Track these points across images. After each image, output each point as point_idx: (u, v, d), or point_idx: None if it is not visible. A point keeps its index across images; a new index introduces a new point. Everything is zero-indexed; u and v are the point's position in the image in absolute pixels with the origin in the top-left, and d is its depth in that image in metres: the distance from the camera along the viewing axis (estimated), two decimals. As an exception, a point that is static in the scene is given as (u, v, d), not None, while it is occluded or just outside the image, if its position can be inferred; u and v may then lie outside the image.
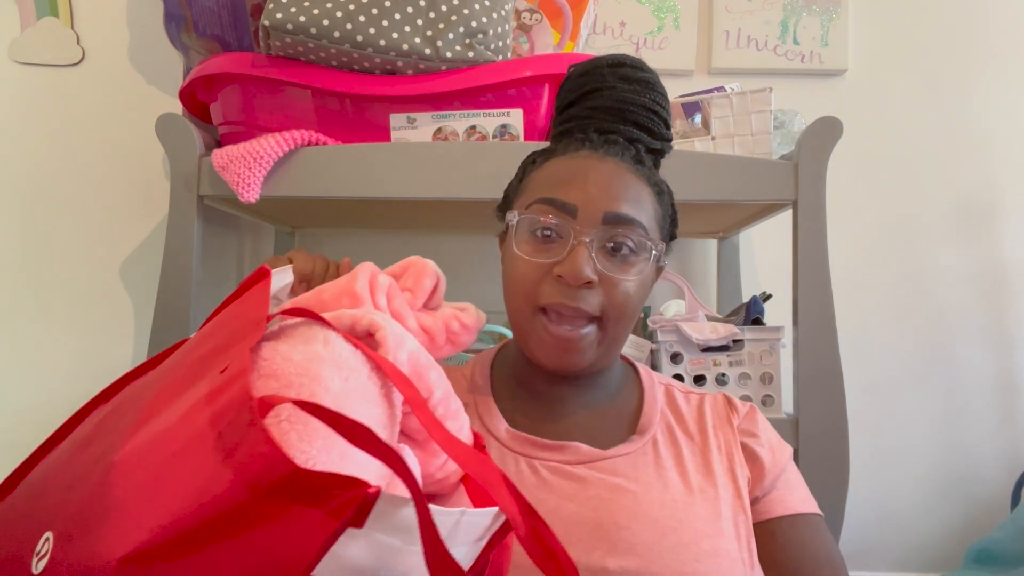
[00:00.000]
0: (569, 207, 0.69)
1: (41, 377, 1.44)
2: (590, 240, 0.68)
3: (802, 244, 1.06)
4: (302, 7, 1.05)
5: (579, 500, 0.66)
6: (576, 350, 0.69)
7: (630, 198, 0.70)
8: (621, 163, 0.72)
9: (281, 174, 1.06)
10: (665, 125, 0.79)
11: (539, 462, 0.70)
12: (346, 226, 1.50)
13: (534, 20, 1.31)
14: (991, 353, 1.48)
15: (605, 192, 0.69)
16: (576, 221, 0.68)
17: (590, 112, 0.77)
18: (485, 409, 0.75)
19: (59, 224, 1.46)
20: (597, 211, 0.68)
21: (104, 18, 1.48)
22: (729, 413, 0.77)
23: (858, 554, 1.44)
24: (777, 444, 0.77)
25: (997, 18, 1.51)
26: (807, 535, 0.71)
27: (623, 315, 0.69)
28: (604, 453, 0.70)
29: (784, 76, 1.49)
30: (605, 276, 0.68)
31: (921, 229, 1.50)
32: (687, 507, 0.67)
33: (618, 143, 0.74)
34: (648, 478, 0.69)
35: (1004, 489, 1.44)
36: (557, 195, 0.70)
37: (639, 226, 0.69)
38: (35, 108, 1.47)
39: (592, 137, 0.75)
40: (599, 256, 0.68)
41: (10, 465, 0.51)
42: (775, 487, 0.73)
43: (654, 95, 0.77)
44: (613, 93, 0.76)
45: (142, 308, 1.46)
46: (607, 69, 0.77)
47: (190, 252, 1.08)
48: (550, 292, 0.68)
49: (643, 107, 0.76)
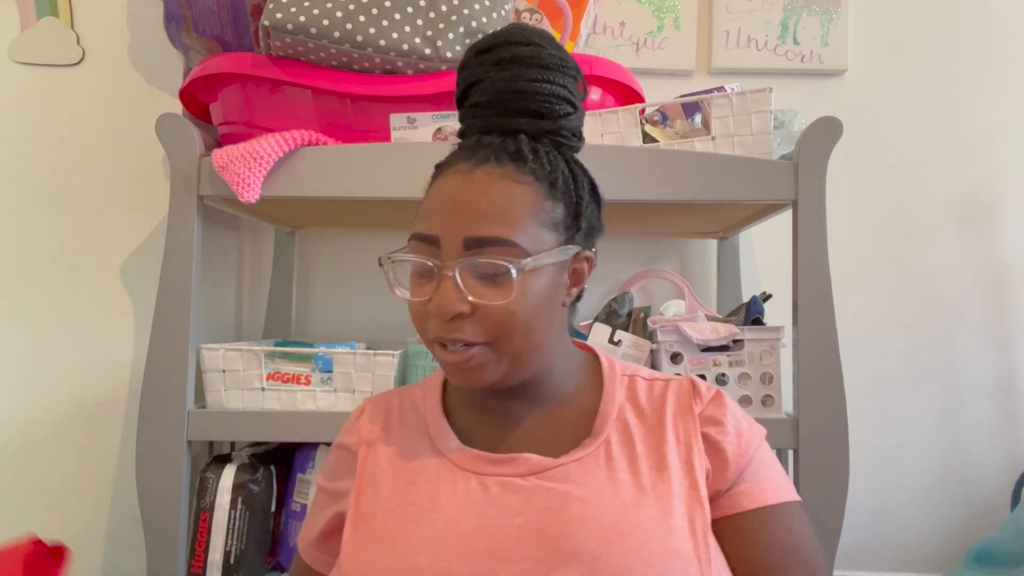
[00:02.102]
0: (432, 238, 0.67)
1: (41, 377, 1.44)
2: (454, 272, 0.65)
3: (802, 244, 1.06)
4: (302, 7, 1.05)
5: (526, 513, 0.65)
6: (473, 370, 0.68)
7: (496, 213, 0.65)
8: (495, 169, 0.68)
9: (281, 174, 1.06)
10: (558, 99, 0.70)
11: (489, 478, 0.69)
12: (346, 226, 1.50)
13: (534, 20, 1.31)
14: (991, 353, 1.48)
15: (464, 216, 0.66)
16: (441, 252, 0.67)
17: (471, 111, 0.73)
18: (436, 429, 0.74)
19: (59, 224, 1.46)
20: (457, 239, 0.66)
21: (104, 18, 1.48)
22: (692, 400, 0.73)
23: (858, 554, 1.44)
24: (747, 431, 0.72)
25: (997, 18, 1.51)
26: (776, 528, 0.68)
27: (512, 335, 0.66)
28: (555, 462, 0.69)
29: (784, 76, 1.49)
30: (479, 304, 0.65)
31: (921, 229, 1.50)
32: (636, 508, 0.65)
33: (492, 145, 0.70)
34: (599, 482, 0.67)
35: (1004, 489, 1.44)
36: (422, 229, 0.68)
37: (506, 244, 0.65)
38: (35, 108, 1.47)
39: (470, 143, 0.71)
40: (471, 284, 0.66)
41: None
42: (742, 479, 0.70)
43: (534, 72, 0.69)
44: (487, 85, 0.71)
45: (142, 308, 1.46)
46: (476, 58, 0.72)
47: (190, 252, 1.08)
48: (434, 327, 0.67)
49: (519, 92, 0.70)
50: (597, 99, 1.20)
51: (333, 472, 0.78)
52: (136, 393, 1.41)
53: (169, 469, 1.06)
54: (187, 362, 1.07)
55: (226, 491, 1.12)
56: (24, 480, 1.41)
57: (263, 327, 1.49)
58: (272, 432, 1.10)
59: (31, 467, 1.41)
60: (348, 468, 0.76)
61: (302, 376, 1.12)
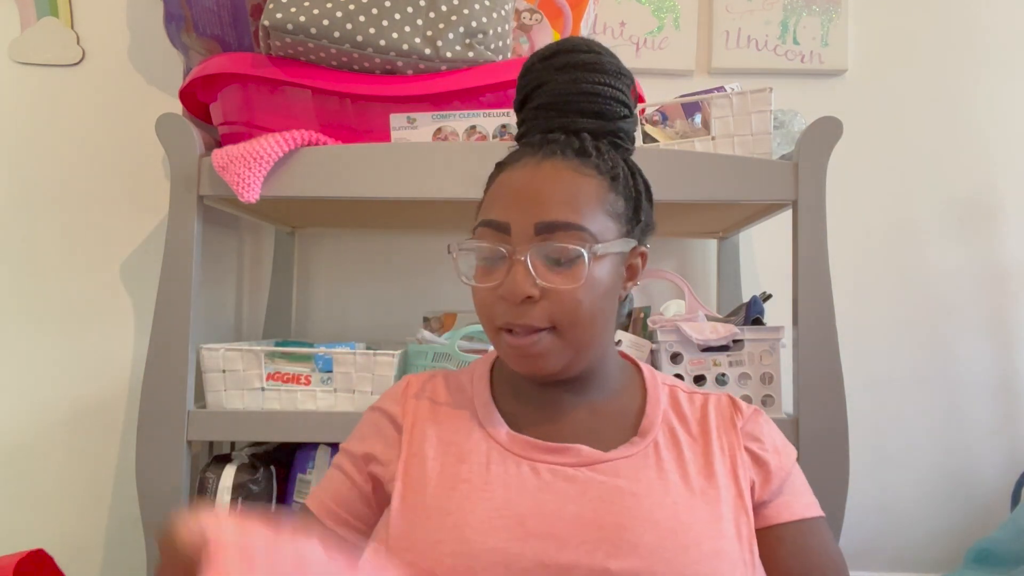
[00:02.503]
0: (504, 226, 0.70)
1: (41, 377, 1.44)
2: (525, 257, 0.68)
3: (802, 244, 1.06)
4: (302, 7, 1.05)
5: (580, 502, 0.67)
6: (537, 356, 0.70)
7: (565, 201, 0.69)
8: (561, 162, 0.71)
9: (281, 174, 1.06)
10: (617, 102, 0.75)
11: (541, 464, 0.70)
12: (346, 226, 1.50)
13: (534, 20, 1.31)
14: (991, 353, 1.48)
15: (535, 203, 0.69)
16: (511, 238, 0.69)
17: (534, 113, 0.77)
18: (485, 414, 0.75)
19: (59, 224, 1.46)
20: (528, 225, 0.68)
21: (104, 18, 1.48)
22: (733, 414, 0.77)
23: (858, 554, 1.44)
24: (783, 447, 0.76)
25: (997, 18, 1.52)
26: (813, 541, 0.72)
27: (577, 322, 0.69)
28: (605, 455, 0.71)
29: (784, 76, 1.49)
30: (548, 288, 0.68)
31: (921, 229, 1.50)
32: (689, 509, 0.67)
33: (558, 141, 0.73)
34: (649, 480, 0.69)
35: (1004, 489, 1.44)
36: (492, 215, 0.71)
37: (575, 228, 0.68)
38: (35, 108, 1.47)
39: (534, 140, 0.75)
40: (541, 269, 0.68)
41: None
42: (781, 492, 0.73)
43: (596, 76, 0.74)
44: (550, 87, 0.75)
45: (142, 308, 1.46)
46: (540, 64, 0.76)
47: (190, 252, 1.08)
48: (502, 313, 0.70)
49: (582, 93, 0.74)
50: (597, 99, 1.20)
51: (367, 435, 0.78)
52: (136, 393, 1.41)
53: (169, 469, 1.06)
54: (187, 362, 1.07)
55: (226, 491, 1.12)
56: (24, 480, 1.41)
57: (263, 327, 1.49)
58: (272, 432, 1.10)
59: (31, 467, 1.41)
60: (387, 435, 0.76)
61: (302, 376, 1.12)
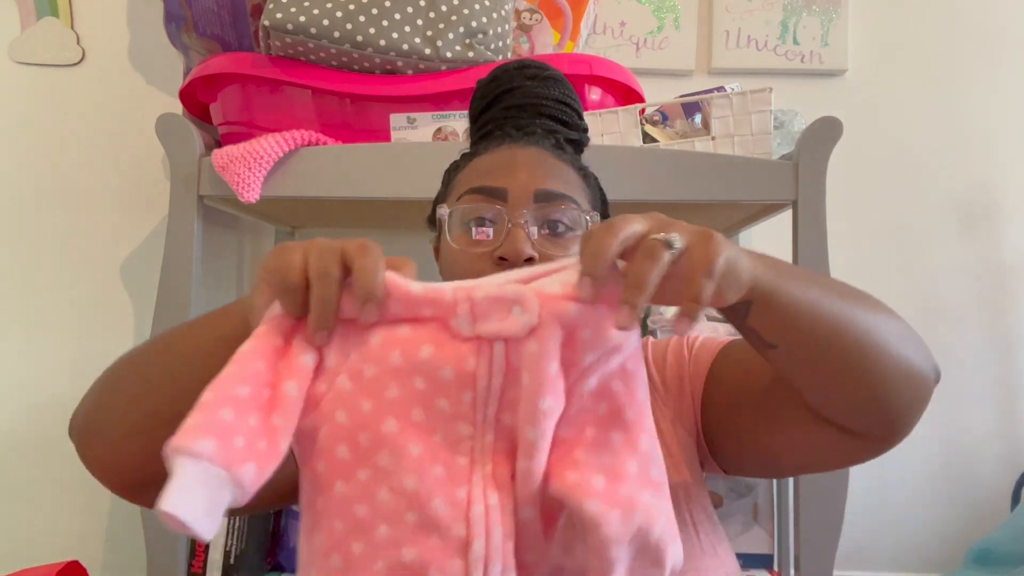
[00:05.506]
0: (499, 191, 0.70)
1: (41, 377, 1.44)
2: (524, 220, 0.68)
3: (802, 244, 1.06)
4: (302, 7, 1.05)
5: None
6: None
7: (559, 176, 0.72)
8: (543, 149, 0.74)
9: (281, 174, 1.06)
10: (579, 115, 0.81)
11: None
12: (346, 226, 1.50)
13: (534, 20, 1.31)
14: (991, 353, 1.47)
15: (532, 173, 0.70)
16: (508, 204, 0.69)
17: (505, 112, 0.79)
18: None
19: (59, 224, 1.46)
20: (527, 191, 0.69)
21: (104, 18, 1.48)
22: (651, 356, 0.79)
23: (858, 554, 1.44)
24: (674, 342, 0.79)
25: (997, 18, 1.51)
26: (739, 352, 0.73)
27: None
28: None
29: (784, 76, 1.49)
30: (545, 255, 0.68)
31: (921, 229, 1.50)
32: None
33: (536, 133, 0.76)
34: None
35: (1004, 489, 1.44)
36: (485, 183, 0.71)
37: (571, 201, 0.70)
38: (35, 108, 1.47)
39: (511, 132, 0.77)
40: (537, 236, 0.69)
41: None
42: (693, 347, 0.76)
43: (563, 89, 0.79)
44: (524, 90, 0.78)
45: (142, 308, 1.46)
46: (514, 71, 0.79)
47: (190, 252, 1.08)
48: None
49: (555, 100, 0.78)
50: (597, 99, 1.20)
51: None
52: (136, 393, 1.41)
53: (169, 469, 1.06)
54: (187, 362, 1.07)
55: (226, 491, 1.12)
56: (24, 480, 1.41)
57: (263, 327, 1.49)
58: (272, 432, 1.10)
59: (31, 467, 1.41)
60: None
61: (302, 376, 1.12)
